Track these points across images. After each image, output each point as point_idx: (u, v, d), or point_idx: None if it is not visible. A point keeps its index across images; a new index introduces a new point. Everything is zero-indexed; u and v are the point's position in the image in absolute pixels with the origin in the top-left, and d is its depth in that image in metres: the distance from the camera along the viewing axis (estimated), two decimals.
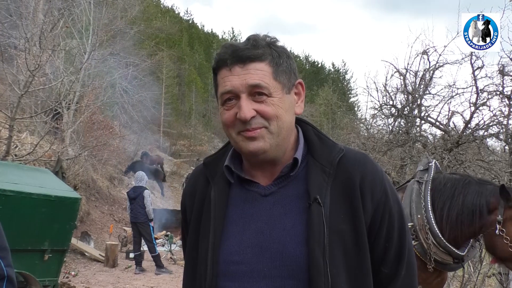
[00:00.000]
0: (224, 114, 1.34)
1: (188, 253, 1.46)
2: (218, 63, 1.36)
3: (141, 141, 25.35)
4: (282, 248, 1.29)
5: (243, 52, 1.30)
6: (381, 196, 1.34)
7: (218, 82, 1.37)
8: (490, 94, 6.67)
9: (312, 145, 1.39)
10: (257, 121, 1.29)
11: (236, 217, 1.36)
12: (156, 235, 11.90)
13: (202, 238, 1.38)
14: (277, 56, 1.33)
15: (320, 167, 1.34)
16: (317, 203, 1.28)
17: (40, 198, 5.61)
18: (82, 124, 14.39)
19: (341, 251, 1.28)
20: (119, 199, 16.16)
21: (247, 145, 1.32)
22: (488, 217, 2.79)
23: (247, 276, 1.30)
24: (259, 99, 1.30)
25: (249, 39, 1.34)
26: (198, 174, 1.51)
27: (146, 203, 9.74)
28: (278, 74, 1.32)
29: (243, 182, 1.40)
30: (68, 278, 8.62)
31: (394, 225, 1.36)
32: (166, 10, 48.49)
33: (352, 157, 1.37)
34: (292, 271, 1.27)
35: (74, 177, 12.44)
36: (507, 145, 6.49)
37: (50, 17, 13.10)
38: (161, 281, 9.20)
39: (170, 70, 34.73)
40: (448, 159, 6.25)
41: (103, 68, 17.89)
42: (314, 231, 1.26)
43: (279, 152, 1.35)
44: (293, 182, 1.36)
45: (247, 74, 1.29)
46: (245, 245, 1.32)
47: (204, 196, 1.43)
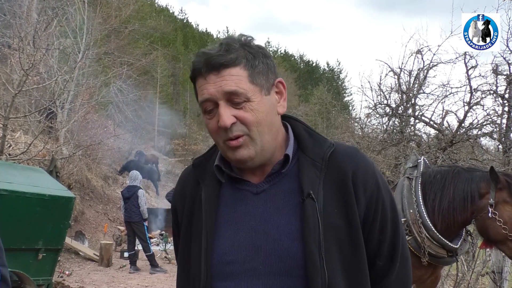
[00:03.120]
0: (208, 123, 1.32)
1: (180, 256, 1.45)
2: (194, 72, 1.32)
3: (136, 140, 25.30)
4: (276, 245, 1.28)
5: (216, 59, 1.27)
6: (374, 189, 1.34)
7: (197, 91, 1.34)
8: (484, 94, 6.71)
9: (302, 141, 1.38)
10: (238, 128, 1.27)
11: (228, 217, 1.35)
12: (150, 235, 11.88)
13: (194, 240, 1.37)
14: (252, 58, 1.30)
15: (311, 163, 1.33)
16: (310, 198, 1.27)
17: (34, 197, 5.60)
18: (76, 123, 14.33)
19: (336, 245, 1.27)
20: (114, 198, 16.12)
21: (233, 154, 1.30)
22: (480, 202, 2.83)
23: (242, 275, 1.29)
24: (237, 105, 1.27)
25: (222, 43, 1.31)
26: (187, 176, 1.50)
27: (140, 203, 9.73)
28: (255, 77, 1.29)
29: (234, 181, 1.38)
30: (62, 277, 8.60)
31: (387, 217, 1.36)
32: (160, 9, 48.38)
33: (343, 151, 1.36)
34: (288, 268, 1.26)
35: (68, 176, 12.40)
36: (501, 144, 6.53)
37: (44, 16, 13.05)
38: (156, 280, 9.19)
39: (164, 69, 34.66)
40: (442, 158, 6.28)
41: (97, 67, 17.84)
42: (309, 227, 1.25)
43: (266, 155, 1.33)
44: (284, 179, 1.35)
45: (222, 81, 1.27)
46: (239, 244, 1.31)
47: (195, 197, 1.42)
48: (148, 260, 9.95)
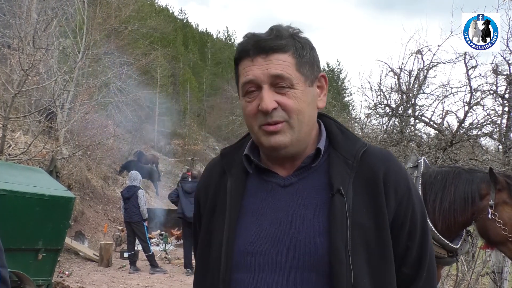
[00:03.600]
0: (247, 106, 1.30)
1: (200, 246, 1.42)
2: (240, 53, 1.31)
3: (136, 141, 25.30)
4: (302, 239, 1.25)
5: (266, 42, 1.27)
6: (405, 193, 1.31)
7: (239, 72, 1.33)
8: (484, 94, 6.70)
9: (334, 138, 1.37)
10: (278, 113, 1.26)
11: (252, 208, 1.33)
12: (150, 235, 11.88)
13: (216, 229, 1.34)
14: (300, 47, 1.30)
15: (342, 159, 1.31)
16: (340, 195, 1.25)
17: (34, 198, 5.59)
18: (76, 124, 14.32)
19: (363, 246, 1.24)
20: (114, 198, 16.11)
21: (268, 140, 1.28)
22: (480, 203, 2.83)
23: (263, 267, 1.26)
24: (281, 90, 1.27)
25: (272, 29, 1.30)
26: (213, 166, 1.48)
27: (140, 203, 9.73)
28: (301, 66, 1.29)
29: (261, 172, 1.36)
30: (62, 277, 8.60)
31: (417, 224, 1.34)
32: (160, 9, 48.38)
33: (375, 152, 1.35)
34: (312, 263, 1.23)
35: (68, 177, 12.40)
36: (501, 144, 6.53)
37: (44, 16, 13.05)
38: (156, 281, 9.18)
39: (164, 70, 34.66)
40: (442, 158, 6.28)
41: (97, 67, 17.83)
42: (337, 223, 1.23)
43: (300, 147, 1.32)
44: (314, 174, 1.33)
45: (270, 64, 1.26)
46: (262, 236, 1.28)
47: (219, 187, 1.39)
48: (148, 260, 9.94)
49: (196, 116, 42.83)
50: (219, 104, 41.23)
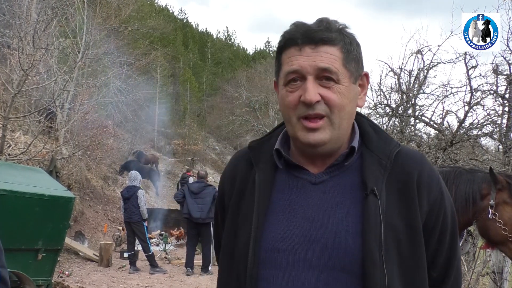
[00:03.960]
0: (287, 96, 1.26)
1: (225, 240, 1.38)
2: (287, 41, 1.26)
3: (136, 141, 25.30)
4: (333, 237, 1.22)
5: (316, 33, 1.23)
6: (437, 196, 1.29)
7: (282, 60, 1.28)
8: (484, 94, 6.71)
9: (368, 136, 1.34)
10: (320, 107, 1.22)
11: (281, 204, 1.29)
12: (150, 235, 11.87)
13: (242, 224, 1.30)
14: (348, 42, 1.27)
15: (376, 159, 1.29)
16: (373, 195, 1.22)
17: (34, 198, 5.59)
18: (76, 124, 14.31)
19: (395, 247, 1.21)
20: (113, 198, 16.10)
21: (306, 136, 1.25)
22: (481, 203, 2.83)
23: (292, 265, 1.22)
24: (326, 84, 1.23)
25: (322, 20, 1.26)
26: (239, 159, 1.44)
27: (140, 203, 9.71)
28: (348, 61, 1.26)
29: (291, 168, 1.33)
30: (62, 277, 8.58)
31: (448, 228, 1.32)
32: (160, 9, 48.41)
33: (409, 154, 1.33)
34: (344, 263, 1.20)
35: (68, 177, 12.39)
36: (501, 144, 6.52)
37: (44, 16, 13.04)
38: (156, 281, 9.18)
39: (164, 69, 34.66)
40: (442, 158, 6.28)
41: (97, 67, 17.82)
42: (370, 223, 1.20)
43: (337, 144, 1.29)
44: (346, 172, 1.30)
45: (318, 56, 1.22)
46: (291, 233, 1.25)
47: (247, 180, 1.35)
48: (147, 261, 9.93)
49: (196, 116, 42.82)
50: (219, 104, 41.21)
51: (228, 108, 38.86)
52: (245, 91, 37.69)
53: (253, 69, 42.39)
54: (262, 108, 38.86)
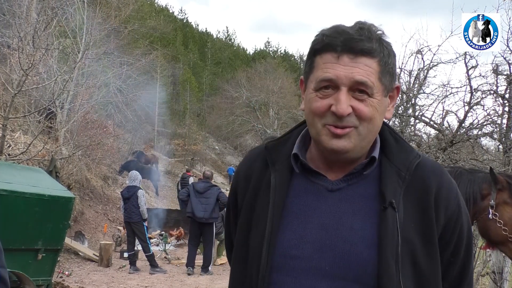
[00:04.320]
0: (316, 101, 1.22)
1: (238, 240, 1.36)
2: (326, 46, 1.21)
3: (135, 141, 25.30)
4: (349, 248, 1.20)
5: (358, 43, 1.19)
6: (455, 210, 1.28)
7: (316, 64, 1.24)
8: (484, 94, 6.69)
9: (388, 146, 1.31)
10: (350, 119, 1.20)
11: (296, 209, 1.27)
12: (150, 235, 11.86)
13: (256, 226, 1.28)
14: (387, 54, 1.23)
15: (395, 170, 1.26)
16: (391, 208, 1.20)
17: (34, 198, 5.59)
18: (76, 124, 14.31)
19: (411, 261, 1.20)
20: (113, 198, 16.10)
21: (330, 142, 1.22)
22: (481, 203, 2.83)
23: (305, 272, 1.21)
24: (359, 96, 1.20)
25: (362, 28, 1.21)
26: (254, 157, 1.41)
27: (140, 203, 9.71)
28: (384, 75, 1.22)
29: (308, 173, 1.30)
30: (62, 277, 8.58)
31: (463, 242, 1.30)
32: (160, 9, 48.44)
33: (429, 165, 1.30)
34: (358, 274, 1.18)
35: (68, 177, 12.38)
36: (501, 144, 6.52)
37: (44, 16, 13.04)
38: (156, 281, 9.17)
39: (164, 69, 34.66)
40: (442, 159, 6.27)
41: (97, 67, 17.82)
42: (388, 237, 1.18)
43: (360, 153, 1.27)
44: (364, 181, 1.27)
45: (355, 68, 1.19)
46: (306, 240, 1.22)
47: (261, 181, 1.33)
48: (147, 261, 9.93)
49: (196, 116, 42.81)
50: (219, 104, 41.22)
51: (228, 108, 38.87)
52: (245, 91, 37.70)
53: (253, 69, 42.41)
54: (262, 108, 38.87)
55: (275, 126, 37.08)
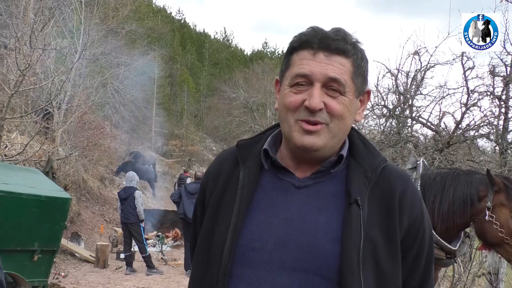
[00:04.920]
0: (290, 96, 1.26)
1: (202, 235, 1.37)
2: (303, 43, 1.27)
3: (133, 141, 25.27)
4: (312, 241, 1.22)
5: (333, 41, 1.24)
6: (418, 216, 1.31)
7: (293, 61, 1.28)
8: (481, 95, 6.70)
9: (356, 149, 1.35)
10: (322, 115, 1.24)
11: (263, 204, 1.29)
12: (147, 236, 11.85)
13: (221, 220, 1.30)
14: (360, 57, 1.29)
15: (362, 171, 1.30)
16: (356, 205, 1.24)
17: (30, 198, 5.57)
18: (73, 124, 14.29)
19: (372, 259, 1.23)
20: (110, 199, 16.08)
21: (301, 138, 1.25)
22: (478, 205, 2.84)
23: (266, 265, 1.22)
24: (331, 93, 1.24)
25: (339, 30, 1.28)
26: (226, 156, 1.45)
27: (137, 204, 9.70)
28: (356, 76, 1.28)
29: (277, 170, 1.33)
30: (58, 279, 8.56)
31: (424, 249, 1.33)
32: (158, 9, 48.39)
33: (394, 170, 1.35)
34: (320, 268, 1.21)
35: (64, 177, 12.36)
36: (497, 146, 6.53)
37: (41, 16, 13.00)
38: (152, 282, 9.16)
39: (162, 70, 34.62)
40: (439, 160, 6.28)
41: (94, 68, 17.80)
42: (351, 232, 1.21)
43: (329, 151, 1.30)
44: (331, 180, 1.31)
45: (330, 65, 1.24)
46: (270, 233, 1.25)
47: (230, 178, 1.36)
48: (144, 262, 9.92)
49: (193, 117, 42.81)
50: (216, 105, 41.19)
51: (225, 109, 38.84)
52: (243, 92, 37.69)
53: (251, 70, 42.40)
54: (260, 109, 38.86)
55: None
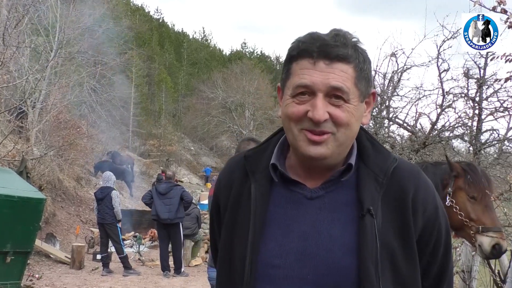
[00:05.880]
0: (293, 107, 1.23)
1: (222, 251, 1.38)
2: (302, 52, 1.23)
3: (110, 141, 25.00)
4: (329, 255, 1.22)
5: (334, 49, 1.20)
6: (432, 212, 1.30)
7: (293, 70, 1.25)
8: (456, 96, 6.83)
9: (365, 151, 1.32)
10: (327, 125, 1.21)
11: (277, 218, 1.28)
12: (124, 236, 11.73)
13: (238, 236, 1.29)
14: (362, 60, 1.25)
15: (373, 176, 1.27)
16: (369, 215, 1.22)
17: (3, 199, 5.47)
18: (48, 123, 14.07)
19: (390, 265, 1.22)
20: (87, 199, 15.87)
21: (307, 148, 1.23)
22: (442, 192, 2.89)
23: (287, 281, 1.22)
24: (335, 102, 1.21)
25: (338, 34, 1.23)
26: (234, 166, 1.41)
27: (115, 204, 9.60)
28: (359, 80, 1.24)
29: (287, 182, 1.31)
30: (32, 281, 8.40)
31: (441, 242, 1.32)
32: (135, 8, 48.02)
33: (406, 169, 1.32)
34: (338, 282, 1.20)
35: (39, 178, 12.16)
36: (471, 146, 6.66)
37: (15, 13, 12.75)
38: (129, 283, 9.07)
39: (139, 69, 34.35)
40: (415, 160, 6.37)
41: (70, 66, 17.55)
42: (367, 243, 1.20)
43: (338, 159, 1.28)
44: (342, 188, 1.28)
45: (331, 73, 1.20)
46: (287, 249, 1.24)
47: (242, 190, 1.34)
48: (121, 262, 9.82)
49: (171, 117, 42.58)
50: (194, 105, 41.10)
51: (203, 109, 38.79)
52: (221, 92, 37.68)
53: (229, 70, 42.43)
54: (238, 109, 38.91)
55: (251, 127, 37.17)
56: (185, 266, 10.25)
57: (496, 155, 7.10)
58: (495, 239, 2.66)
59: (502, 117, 6.61)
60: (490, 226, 2.72)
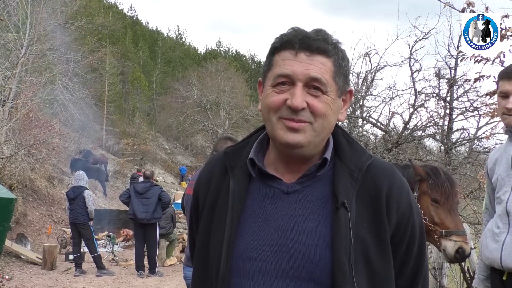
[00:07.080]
0: (272, 96, 1.27)
1: (199, 245, 1.40)
2: (284, 44, 1.28)
3: (83, 140, 24.63)
4: (303, 248, 1.24)
5: (314, 41, 1.26)
6: (406, 209, 1.32)
7: (274, 62, 1.30)
8: (427, 96, 6.97)
9: (341, 148, 1.35)
10: (305, 114, 1.24)
11: (254, 212, 1.31)
12: (97, 236, 11.57)
13: (215, 230, 1.32)
14: (341, 57, 1.30)
15: (347, 171, 1.31)
16: (344, 208, 1.25)
17: None
18: (19, 122, 13.77)
19: (364, 260, 1.24)
20: (59, 199, 15.60)
21: (285, 135, 1.26)
22: None
23: (262, 274, 1.25)
24: (314, 92, 1.25)
25: (320, 31, 1.29)
26: (214, 163, 1.45)
27: (88, 203, 9.46)
28: (338, 75, 1.29)
29: (265, 177, 1.34)
30: (2, 282, 8.24)
31: (415, 239, 1.35)
32: (109, 5, 47.39)
33: (380, 166, 1.35)
34: (313, 274, 1.23)
35: (9, 177, 11.89)
36: (443, 145, 6.79)
37: None
38: (102, 283, 8.95)
39: (113, 67, 33.90)
40: (389, 159, 6.46)
41: (41, 64, 17.21)
42: (340, 236, 1.23)
43: (313, 151, 1.31)
44: (318, 183, 1.32)
45: (311, 65, 1.25)
46: (263, 242, 1.27)
47: (221, 186, 1.37)
48: (94, 262, 9.68)
49: (145, 115, 42.19)
50: (169, 103, 40.78)
51: (178, 108, 38.53)
52: (196, 90, 37.49)
53: (204, 69, 42.27)
54: (213, 108, 38.78)
55: (226, 126, 37.09)
56: (159, 266, 10.17)
57: (466, 154, 7.27)
58: (458, 243, 2.65)
59: (472, 116, 6.77)
60: (453, 229, 2.72)
